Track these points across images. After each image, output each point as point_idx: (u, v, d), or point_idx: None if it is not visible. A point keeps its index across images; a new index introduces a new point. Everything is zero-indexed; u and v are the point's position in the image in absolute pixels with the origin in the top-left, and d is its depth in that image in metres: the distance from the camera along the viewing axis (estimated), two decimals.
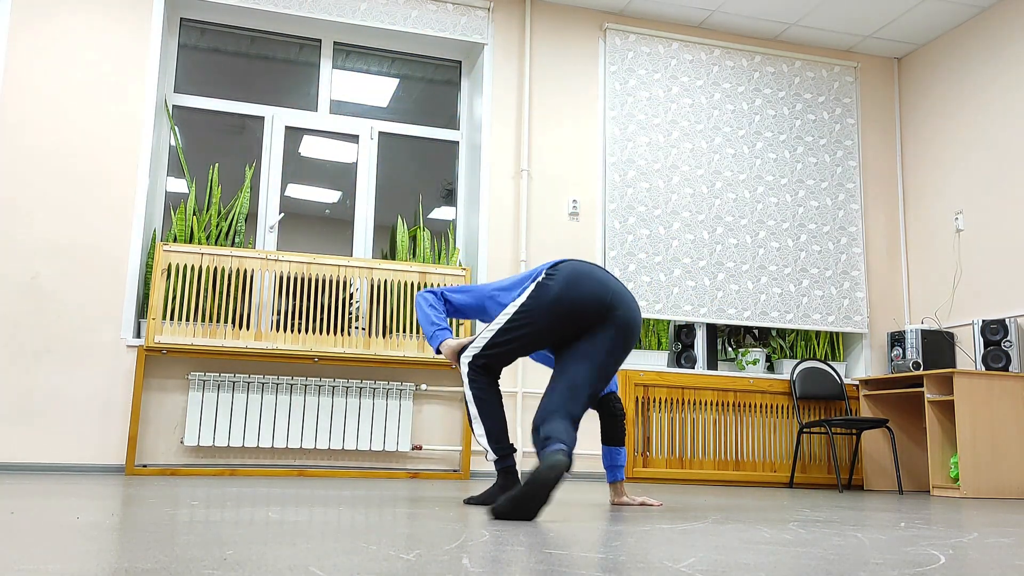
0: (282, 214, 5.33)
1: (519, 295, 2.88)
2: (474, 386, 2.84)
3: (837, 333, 6.04)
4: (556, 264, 2.87)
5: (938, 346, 5.46)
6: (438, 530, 1.95)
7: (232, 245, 5.03)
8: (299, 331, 4.78)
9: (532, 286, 2.83)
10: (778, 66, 6.07)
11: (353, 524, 2.05)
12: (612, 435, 3.06)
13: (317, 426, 4.78)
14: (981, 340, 5.17)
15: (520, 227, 5.41)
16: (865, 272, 5.99)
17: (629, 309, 2.82)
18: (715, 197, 5.77)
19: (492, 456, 2.84)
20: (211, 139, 5.40)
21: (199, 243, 4.92)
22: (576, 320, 2.77)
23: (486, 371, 2.86)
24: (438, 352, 2.98)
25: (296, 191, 5.52)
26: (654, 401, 5.33)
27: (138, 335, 4.75)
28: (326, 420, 4.80)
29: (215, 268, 4.73)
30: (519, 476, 2.89)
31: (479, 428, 2.85)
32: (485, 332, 2.87)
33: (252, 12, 5.27)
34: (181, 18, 5.33)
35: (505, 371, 5.15)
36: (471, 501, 2.90)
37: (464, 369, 2.87)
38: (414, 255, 5.38)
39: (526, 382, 5.24)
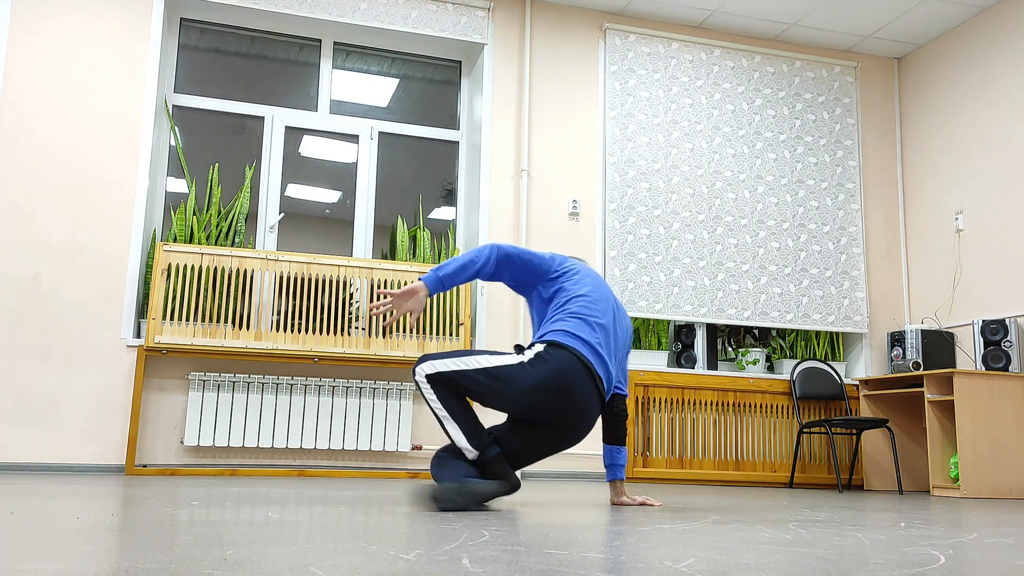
0: (282, 214, 5.33)
1: (534, 343, 2.90)
2: (436, 395, 2.80)
3: (837, 333, 6.04)
4: (567, 332, 2.87)
5: (938, 346, 5.46)
6: (438, 530, 1.95)
7: (232, 245, 5.03)
8: (299, 331, 4.78)
9: (525, 358, 2.80)
10: (778, 66, 6.07)
11: (353, 524, 2.05)
12: (614, 434, 3.07)
13: (317, 426, 4.77)
14: (981, 340, 5.17)
15: (520, 227, 5.41)
16: (865, 272, 5.99)
17: (587, 417, 2.87)
18: (715, 197, 5.77)
19: (472, 455, 2.79)
20: (211, 139, 5.40)
21: (199, 243, 4.92)
22: (539, 414, 2.83)
23: (446, 387, 2.82)
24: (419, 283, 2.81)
25: (296, 191, 5.52)
26: (654, 401, 5.33)
27: (138, 335, 4.75)
28: (326, 420, 4.80)
29: (215, 268, 4.73)
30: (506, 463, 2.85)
31: (454, 430, 2.78)
32: (464, 358, 2.79)
33: (252, 12, 5.27)
34: (181, 18, 5.33)
35: None
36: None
37: (421, 380, 2.80)
38: (414, 255, 5.38)
39: None
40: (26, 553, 1.40)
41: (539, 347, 2.84)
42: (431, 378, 2.77)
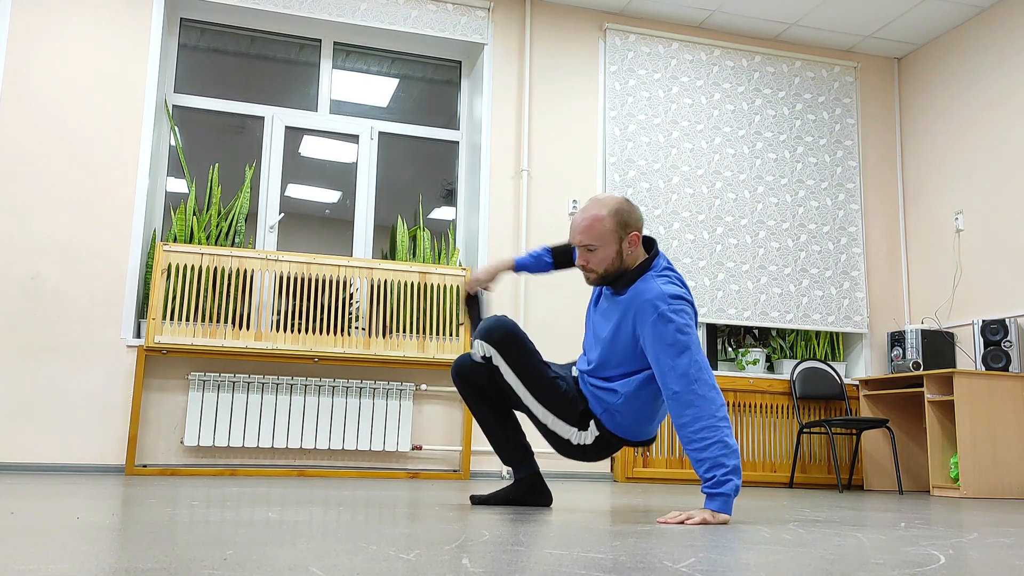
0: (282, 214, 5.33)
1: None
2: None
3: (837, 333, 6.04)
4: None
5: (938, 346, 5.46)
6: (438, 530, 1.95)
7: (232, 245, 5.03)
8: (299, 331, 4.78)
9: (585, 439, 2.71)
10: (778, 66, 6.07)
11: (353, 524, 2.05)
12: None
13: (317, 426, 4.77)
14: (981, 340, 5.16)
15: (520, 227, 5.41)
16: (865, 272, 5.99)
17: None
18: (715, 197, 5.77)
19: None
20: (211, 139, 5.40)
21: (199, 243, 4.92)
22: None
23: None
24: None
25: (296, 191, 5.52)
26: None
27: (138, 335, 4.75)
28: (326, 420, 4.80)
29: (215, 268, 4.73)
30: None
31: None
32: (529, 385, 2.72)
33: (252, 12, 5.27)
34: (181, 18, 5.33)
35: None
36: (479, 501, 2.85)
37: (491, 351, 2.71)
38: (414, 255, 5.38)
39: None
40: (26, 553, 1.40)
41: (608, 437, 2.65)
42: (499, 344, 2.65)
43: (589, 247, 2.50)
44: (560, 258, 2.94)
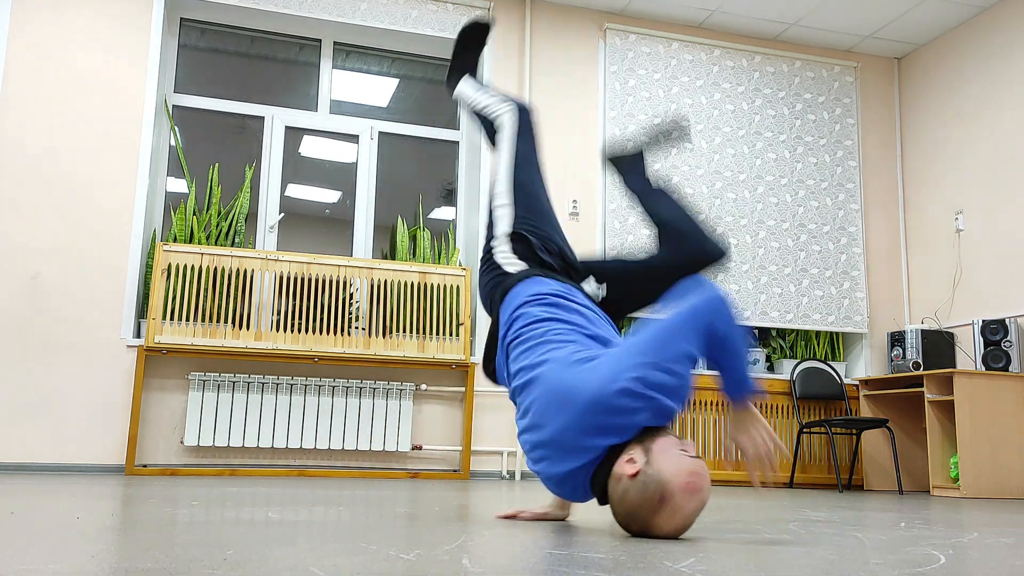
0: (282, 214, 5.33)
1: None
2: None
3: (837, 333, 6.04)
4: None
5: (938, 346, 5.46)
6: (438, 530, 1.95)
7: (232, 245, 5.03)
8: (299, 331, 4.78)
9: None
10: (778, 66, 6.07)
11: (353, 524, 2.05)
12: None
13: (317, 426, 4.77)
14: (981, 340, 5.16)
15: None
16: (865, 272, 5.99)
17: None
18: (715, 197, 5.77)
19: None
20: (211, 139, 5.40)
21: (199, 243, 4.92)
22: None
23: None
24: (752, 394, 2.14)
25: (296, 191, 5.52)
26: None
27: (138, 335, 4.75)
28: (326, 420, 4.80)
29: (215, 268, 4.73)
30: None
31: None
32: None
33: (252, 12, 5.27)
34: (181, 18, 5.33)
35: None
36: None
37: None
38: (414, 255, 5.38)
39: None
40: (26, 553, 1.40)
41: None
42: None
43: None
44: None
